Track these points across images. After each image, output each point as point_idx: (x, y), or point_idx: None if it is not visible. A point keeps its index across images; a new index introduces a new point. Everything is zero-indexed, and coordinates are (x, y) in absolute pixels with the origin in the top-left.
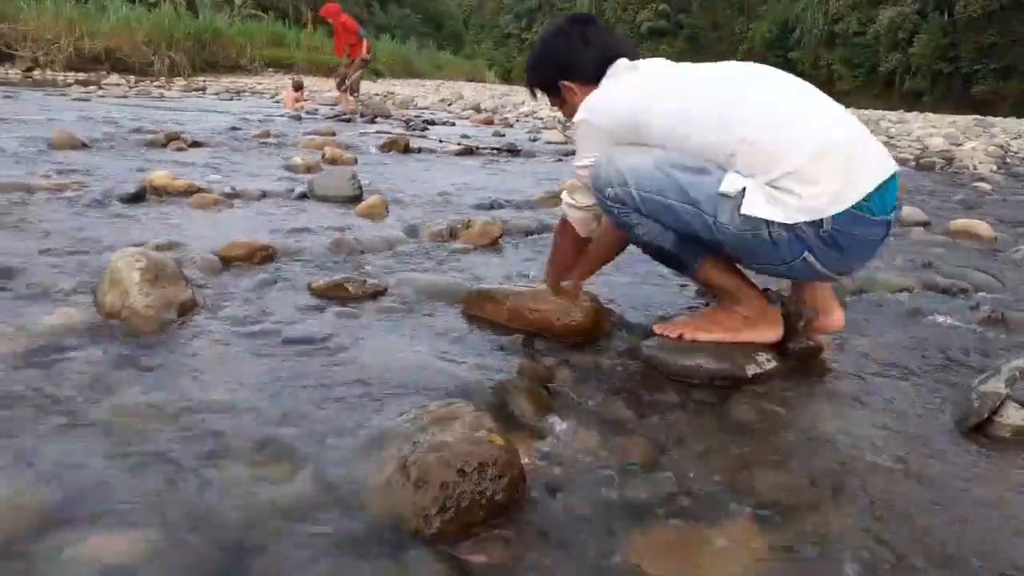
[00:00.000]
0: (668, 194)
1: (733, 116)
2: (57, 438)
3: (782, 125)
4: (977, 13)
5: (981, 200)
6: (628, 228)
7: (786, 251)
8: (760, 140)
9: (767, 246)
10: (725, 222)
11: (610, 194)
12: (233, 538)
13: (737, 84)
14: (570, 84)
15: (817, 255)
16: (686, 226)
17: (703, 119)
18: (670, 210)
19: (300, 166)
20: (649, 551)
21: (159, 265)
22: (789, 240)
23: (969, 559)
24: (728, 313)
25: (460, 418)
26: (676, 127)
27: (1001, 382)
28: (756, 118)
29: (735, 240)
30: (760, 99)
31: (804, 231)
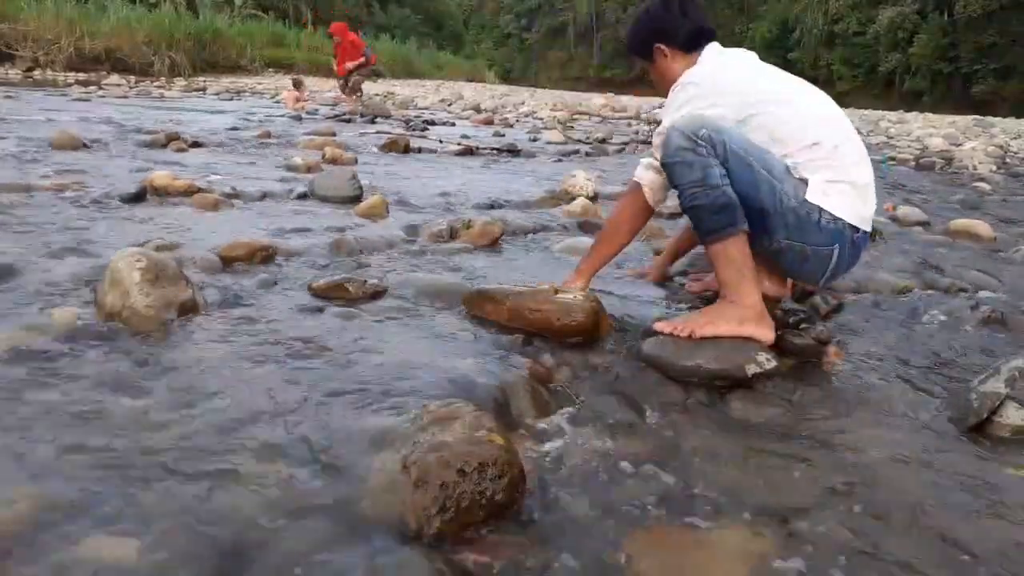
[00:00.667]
0: (751, 154)
1: (818, 117)
2: (57, 438)
3: (852, 142)
4: (977, 13)
5: (981, 200)
6: (695, 168)
7: (825, 238)
8: (839, 149)
9: (812, 226)
10: (788, 192)
11: (703, 134)
12: (233, 538)
13: (811, 94)
14: (664, 48)
15: (840, 253)
16: (754, 187)
17: (799, 110)
18: (748, 168)
19: (300, 166)
20: (649, 551)
21: (159, 265)
22: (832, 230)
23: (969, 559)
24: (730, 306)
25: (460, 418)
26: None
27: (1001, 382)
28: (835, 131)
29: (790, 212)
30: (832, 115)
31: (844, 229)
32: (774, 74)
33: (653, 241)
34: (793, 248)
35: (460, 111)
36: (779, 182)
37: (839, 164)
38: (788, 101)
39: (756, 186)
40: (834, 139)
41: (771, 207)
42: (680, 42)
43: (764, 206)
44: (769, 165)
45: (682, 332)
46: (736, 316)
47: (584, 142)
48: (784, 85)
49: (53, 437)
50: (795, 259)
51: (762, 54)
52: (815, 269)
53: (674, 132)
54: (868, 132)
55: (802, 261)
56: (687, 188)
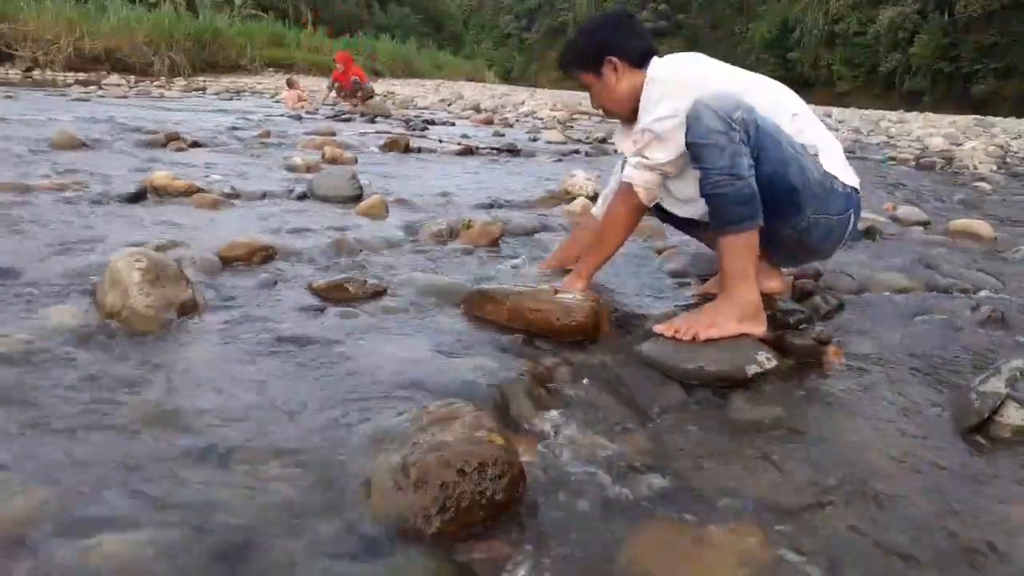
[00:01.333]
0: (779, 134)
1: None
2: (57, 438)
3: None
4: (977, 13)
5: (981, 200)
6: (726, 154)
7: (842, 203)
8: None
9: (835, 195)
10: (810, 167)
11: (738, 116)
12: (233, 538)
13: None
14: (616, 60)
15: (855, 215)
16: (784, 166)
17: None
18: (779, 147)
19: (300, 166)
20: (649, 551)
21: (159, 265)
22: (846, 195)
23: (969, 559)
24: (728, 303)
25: (460, 418)
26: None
27: (1001, 382)
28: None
29: (817, 185)
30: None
31: (853, 193)
32: (731, 67)
33: (654, 241)
34: (819, 222)
35: (460, 111)
36: (802, 156)
37: (821, 138)
38: (762, 89)
39: (786, 164)
40: (806, 117)
41: (800, 183)
42: (631, 56)
43: (794, 183)
44: (791, 142)
45: (684, 335)
46: (736, 314)
47: (584, 142)
48: (747, 75)
49: (53, 437)
50: (820, 233)
51: (762, 54)
52: (835, 239)
53: (706, 111)
54: (868, 132)
55: (827, 233)
56: (714, 174)
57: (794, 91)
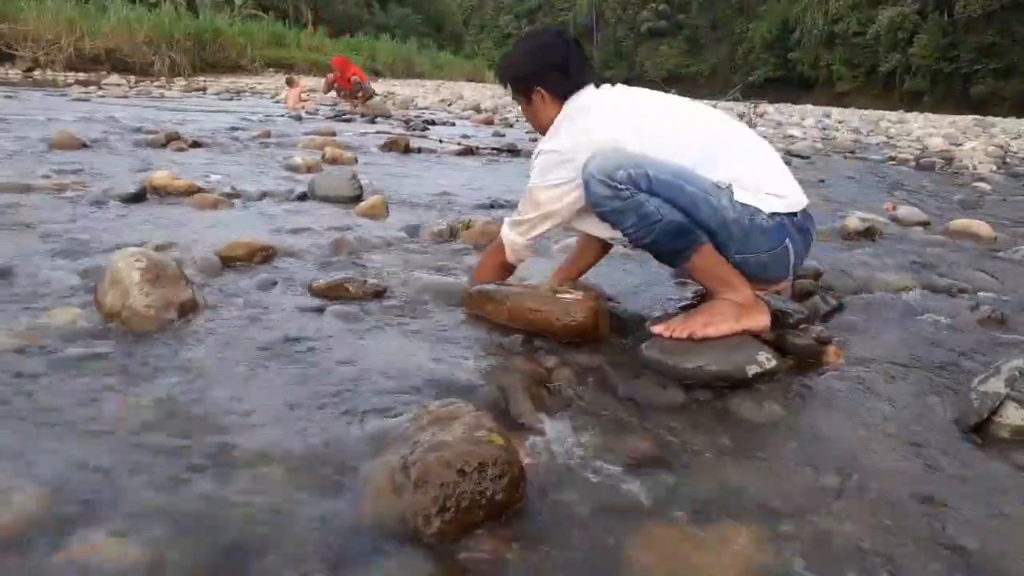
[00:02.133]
0: (682, 176)
1: (718, 156)
2: (57, 438)
3: (756, 158)
4: (977, 13)
5: (981, 200)
6: (629, 212)
7: (772, 238)
8: (745, 175)
9: (758, 232)
10: (725, 204)
11: (621, 176)
12: (233, 539)
13: (703, 126)
14: (543, 92)
15: (793, 242)
16: (695, 208)
17: (681, 133)
18: (683, 192)
19: (300, 166)
20: (649, 551)
21: (159, 265)
22: (774, 226)
23: (969, 559)
24: (724, 303)
25: (460, 418)
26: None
27: (1001, 382)
28: (736, 158)
29: (733, 224)
30: (731, 140)
31: (784, 221)
32: (650, 105)
33: None
34: (748, 260)
35: (460, 111)
36: (714, 196)
37: (745, 168)
38: (676, 126)
39: (695, 207)
40: (732, 148)
41: (715, 224)
42: (559, 92)
43: (708, 226)
44: (698, 182)
45: (681, 334)
46: (732, 313)
47: None
48: (664, 111)
49: (53, 437)
50: (757, 268)
51: (762, 54)
52: (779, 270)
53: (592, 182)
54: (868, 132)
55: (763, 268)
56: (629, 232)
57: (792, 92)
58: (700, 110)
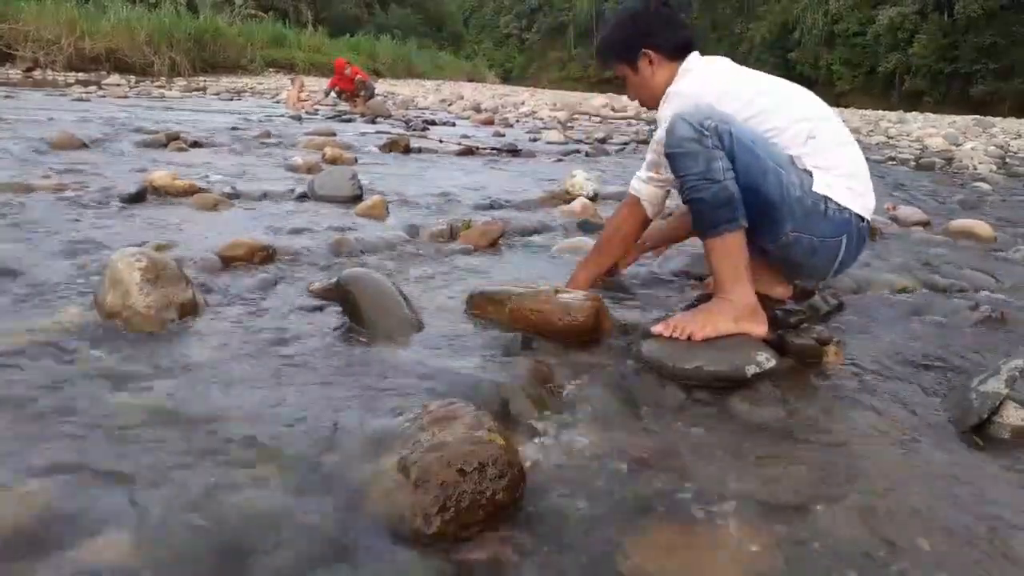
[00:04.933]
0: (757, 143)
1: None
2: (56, 438)
3: (845, 139)
4: (977, 13)
5: (981, 200)
6: (699, 160)
7: (832, 228)
8: (835, 145)
9: (819, 216)
10: (795, 182)
11: (709, 124)
12: (233, 539)
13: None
14: (651, 53)
15: (848, 243)
16: (762, 176)
17: (793, 111)
18: (755, 157)
19: (300, 166)
20: (649, 551)
21: (160, 265)
22: (839, 220)
23: (969, 559)
24: (724, 303)
25: (460, 418)
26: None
27: (1001, 382)
28: (829, 146)
29: (797, 203)
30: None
31: (851, 218)
32: (759, 79)
33: None
34: (801, 240)
35: (460, 111)
36: (785, 172)
37: (837, 159)
38: (779, 104)
39: (763, 175)
40: (828, 136)
41: (778, 197)
42: (667, 49)
43: (771, 196)
44: (775, 155)
45: (680, 334)
46: (732, 314)
47: (584, 142)
48: (772, 88)
49: (52, 436)
50: (804, 252)
51: (762, 54)
52: (824, 261)
53: (680, 121)
54: (868, 132)
55: (811, 253)
56: (690, 180)
57: None
58: (804, 93)
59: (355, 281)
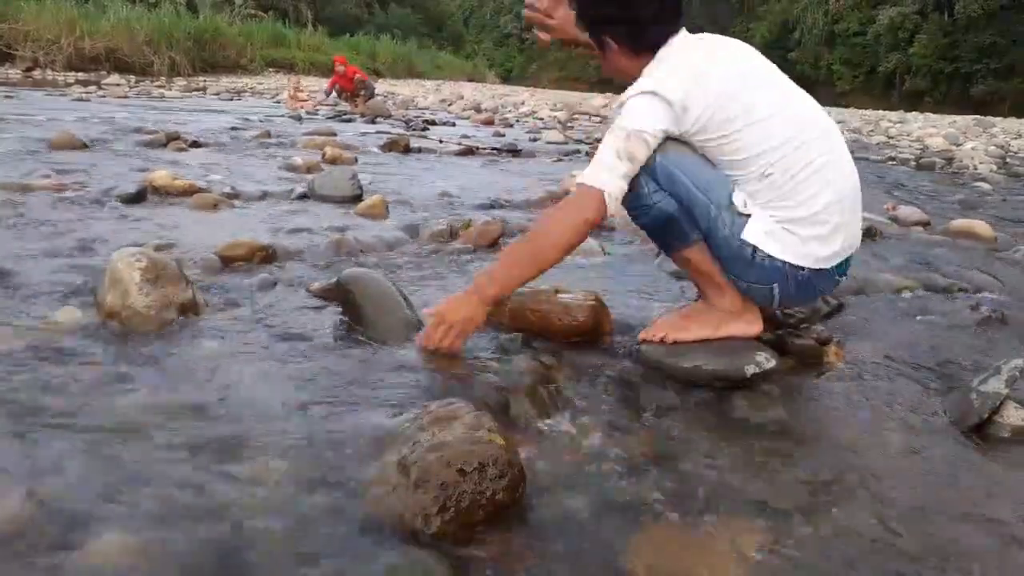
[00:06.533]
0: (687, 171)
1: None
2: (56, 438)
3: (828, 172)
4: (977, 13)
5: (981, 200)
6: (636, 192)
7: (760, 274)
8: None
9: (744, 262)
10: (726, 221)
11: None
12: (233, 538)
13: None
14: (611, 41)
15: (781, 289)
16: (691, 207)
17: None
18: (680, 185)
19: (300, 166)
20: (649, 551)
21: (159, 265)
22: (769, 268)
23: (969, 559)
24: (707, 309)
25: (460, 418)
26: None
27: (1001, 382)
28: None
29: (723, 241)
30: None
31: (784, 267)
32: (756, 78)
33: None
34: (735, 279)
35: (460, 111)
36: (716, 208)
37: (795, 198)
38: (757, 120)
39: (692, 207)
40: (797, 168)
41: (706, 230)
42: (629, 45)
43: (700, 227)
44: (708, 186)
45: (654, 337)
46: (712, 320)
47: (584, 142)
48: (763, 97)
49: (52, 436)
50: (744, 290)
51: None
52: (760, 301)
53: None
54: (869, 132)
55: (744, 290)
56: (629, 208)
57: None
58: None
59: (355, 281)
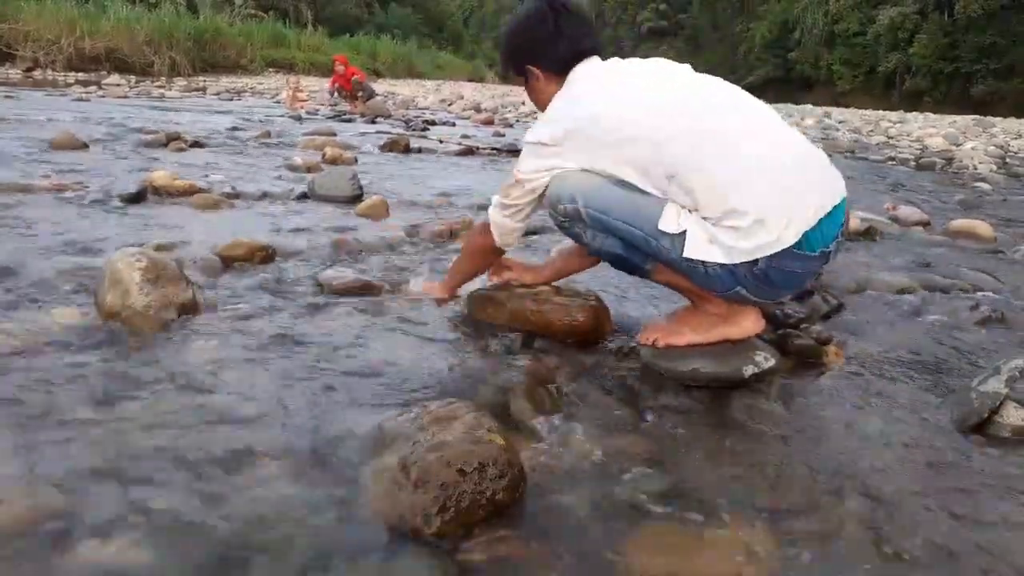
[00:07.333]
0: (614, 213)
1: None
2: (56, 438)
3: (729, 155)
4: (977, 13)
5: (981, 200)
6: (579, 239)
7: (718, 284)
8: (710, 175)
9: (700, 276)
10: (666, 247)
11: (561, 210)
12: (233, 539)
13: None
14: (536, 71)
15: (749, 289)
16: (632, 242)
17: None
18: (616, 230)
19: (300, 166)
20: (649, 551)
21: (159, 265)
22: (723, 275)
23: (969, 558)
24: (698, 312)
25: (460, 418)
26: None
27: (1001, 382)
28: (710, 149)
29: (673, 263)
30: (713, 128)
31: (737, 268)
32: (626, 92)
33: None
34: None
35: (460, 111)
36: (651, 237)
37: (731, 184)
38: (646, 131)
39: (632, 240)
40: (708, 151)
41: (654, 257)
42: (553, 66)
43: (649, 255)
44: (636, 218)
45: (647, 341)
46: (704, 324)
47: None
48: (637, 104)
49: (52, 437)
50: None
51: (762, 54)
52: (744, 302)
53: (548, 209)
54: (868, 132)
55: (728, 298)
56: (585, 247)
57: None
58: (673, 88)
59: None
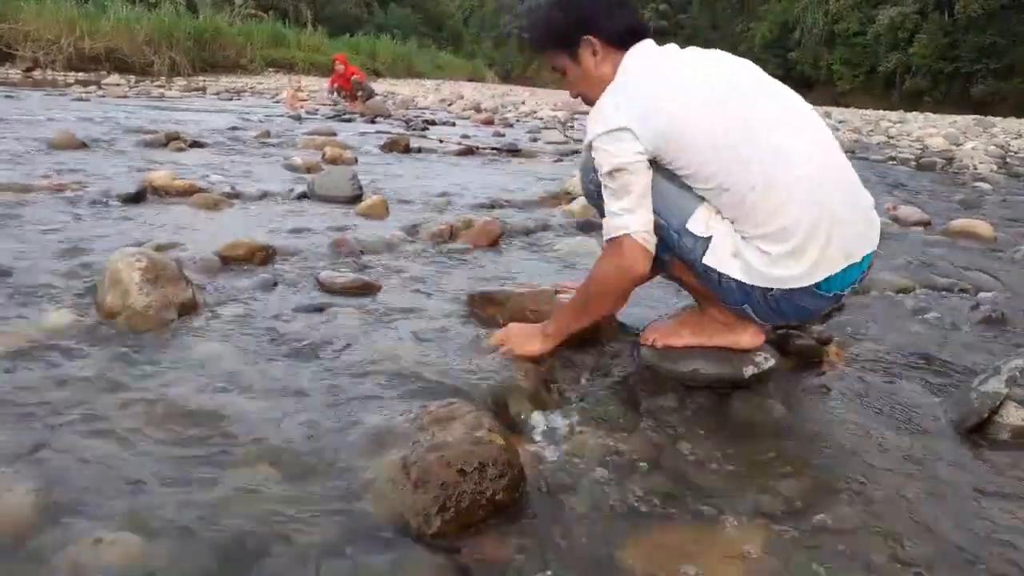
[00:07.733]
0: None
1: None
2: (56, 438)
3: (785, 178)
4: (977, 13)
5: (981, 200)
6: (603, 212)
7: (729, 296)
8: (762, 193)
9: (713, 283)
10: (688, 246)
11: (593, 178)
12: (233, 539)
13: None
14: (594, 41)
15: (756, 310)
16: (656, 229)
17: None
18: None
19: (300, 166)
20: (649, 551)
21: (159, 265)
22: (735, 290)
23: (969, 558)
24: (702, 317)
25: (460, 418)
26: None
27: (1001, 382)
28: (768, 168)
29: (689, 264)
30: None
31: (752, 289)
32: (713, 97)
33: None
34: None
35: (460, 111)
36: (676, 233)
37: (765, 212)
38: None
39: (656, 229)
40: (769, 170)
41: (675, 252)
42: (613, 36)
43: (669, 249)
44: (667, 211)
45: (646, 341)
46: (704, 329)
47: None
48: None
49: (52, 437)
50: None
51: (762, 54)
52: (741, 315)
53: (581, 168)
54: (869, 132)
55: (730, 310)
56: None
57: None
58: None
59: None
